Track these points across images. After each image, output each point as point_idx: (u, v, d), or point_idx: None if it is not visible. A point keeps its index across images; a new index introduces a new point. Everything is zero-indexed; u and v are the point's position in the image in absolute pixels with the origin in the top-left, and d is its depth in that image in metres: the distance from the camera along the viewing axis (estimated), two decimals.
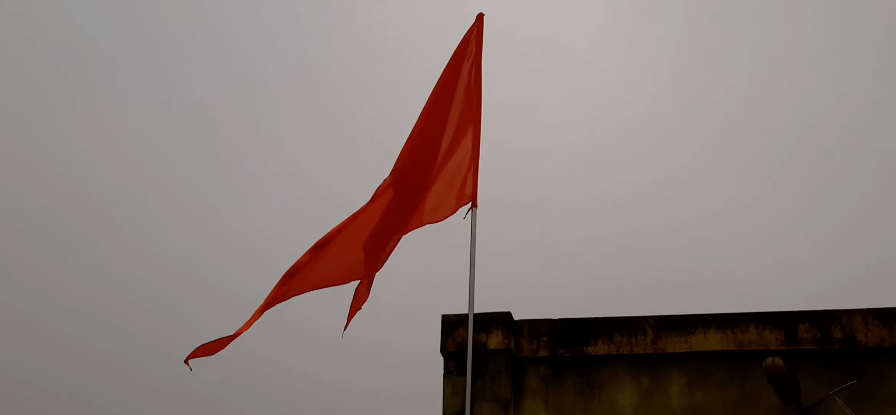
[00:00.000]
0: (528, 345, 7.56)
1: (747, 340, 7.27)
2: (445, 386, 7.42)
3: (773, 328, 7.27)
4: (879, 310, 7.22)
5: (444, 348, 7.54)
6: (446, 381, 7.44)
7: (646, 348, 7.39)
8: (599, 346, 7.47)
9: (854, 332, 7.18)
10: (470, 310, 7.22)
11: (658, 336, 7.41)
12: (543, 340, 7.56)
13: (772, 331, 7.26)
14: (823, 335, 7.20)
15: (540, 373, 7.53)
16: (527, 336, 7.58)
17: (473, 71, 7.74)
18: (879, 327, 7.16)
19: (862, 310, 7.24)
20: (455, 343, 7.49)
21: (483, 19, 7.89)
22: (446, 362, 7.52)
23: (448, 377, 7.44)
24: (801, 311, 7.31)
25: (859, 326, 7.19)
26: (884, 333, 7.15)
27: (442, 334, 7.60)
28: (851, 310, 7.25)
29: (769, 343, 7.22)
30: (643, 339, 7.42)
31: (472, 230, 7.38)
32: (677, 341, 7.36)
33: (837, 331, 7.20)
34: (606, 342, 7.47)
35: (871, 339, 7.15)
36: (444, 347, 7.55)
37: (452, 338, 7.53)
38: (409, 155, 7.53)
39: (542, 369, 7.54)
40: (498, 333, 7.50)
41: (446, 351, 7.52)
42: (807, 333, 7.23)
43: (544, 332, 7.58)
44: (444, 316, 7.63)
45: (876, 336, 7.14)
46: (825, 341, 7.19)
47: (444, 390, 7.41)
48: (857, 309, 7.25)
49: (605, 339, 7.47)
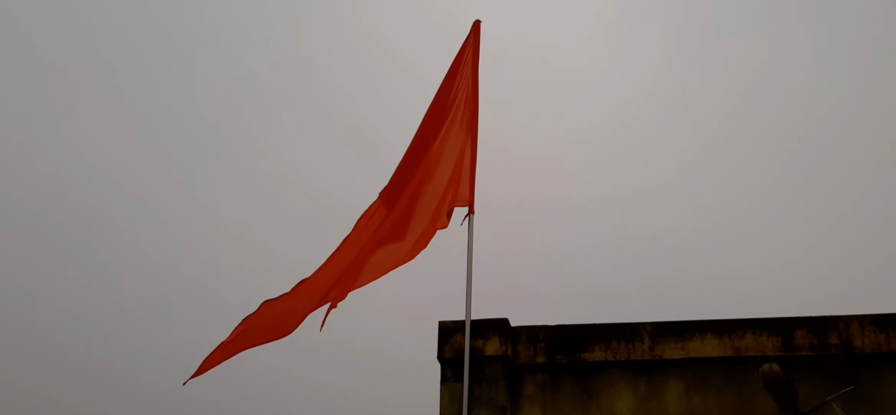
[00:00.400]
0: (526, 351, 7.56)
1: (744, 346, 7.27)
2: (442, 393, 7.42)
3: (770, 334, 7.28)
4: (876, 316, 7.23)
5: (441, 354, 7.54)
6: (443, 387, 7.44)
7: (643, 355, 7.40)
8: (596, 352, 7.47)
9: (851, 338, 7.19)
10: (467, 316, 7.23)
11: (655, 342, 7.41)
12: (540, 346, 7.56)
13: (769, 337, 7.27)
14: (820, 341, 7.21)
15: (537, 379, 7.53)
16: (524, 343, 7.58)
17: (470, 77, 7.76)
18: (876, 333, 7.17)
19: (858, 316, 7.25)
20: (452, 350, 7.49)
21: (480, 26, 7.92)
22: (443, 368, 7.52)
23: (445, 384, 7.44)
24: (797, 317, 7.32)
25: (856, 332, 7.20)
26: (880, 338, 7.16)
27: (439, 340, 7.59)
28: (848, 316, 7.26)
29: (766, 349, 7.23)
30: (640, 345, 7.43)
31: (469, 236, 7.39)
32: (674, 348, 7.37)
33: (834, 337, 7.21)
34: (603, 349, 7.47)
35: (867, 345, 7.15)
36: (441, 353, 7.55)
37: (449, 344, 7.53)
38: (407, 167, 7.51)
39: (539, 376, 7.54)
40: (495, 339, 7.50)
41: (443, 358, 7.52)
42: (804, 339, 7.24)
43: (541, 338, 7.58)
44: (441, 323, 7.62)
45: (872, 342, 7.16)
46: (822, 347, 7.20)
47: (442, 396, 7.41)
48: (854, 315, 7.26)
49: (603, 345, 7.48)
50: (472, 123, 7.66)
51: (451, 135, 7.58)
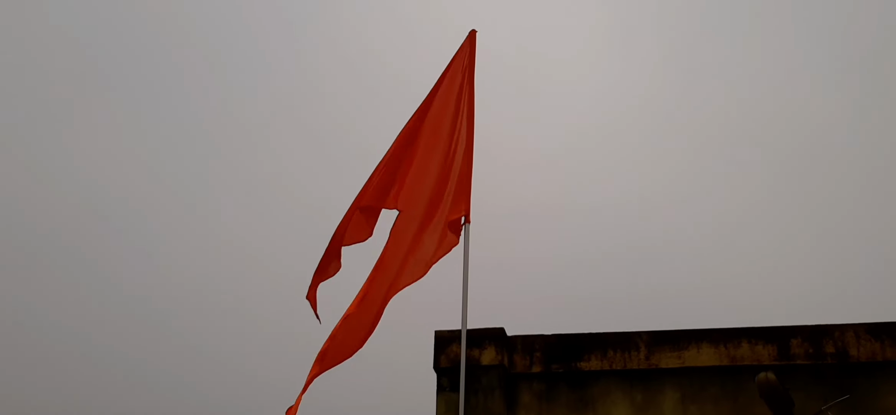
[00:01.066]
0: (522, 361, 7.56)
1: (740, 355, 7.28)
2: (439, 402, 7.41)
3: (765, 343, 7.28)
4: (871, 324, 7.24)
5: (438, 364, 7.53)
6: (439, 397, 7.43)
7: (639, 364, 7.40)
8: (593, 361, 7.47)
9: (846, 346, 7.20)
10: (463, 326, 7.21)
11: (651, 351, 7.41)
12: (537, 355, 7.55)
13: (765, 346, 7.28)
14: (816, 350, 7.22)
15: (533, 389, 7.53)
16: (520, 352, 7.58)
17: (466, 87, 7.76)
18: (871, 342, 7.18)
19: (854, 325, 7.26)
20: (448, 359, 7.48)
21: (475, 36, 7.91)
22: (439, 378, 7.50)
23: (441, 394, 7.43)
24: (793, 326, 7.33)
25: (851, 340, 7.21)
26: (876, 347, 7.17)
27: (435, 349, 7.59)
28: (844, 325, 7.27)
29: (762, 358, 7.23)
30: (636, 354, 7.42)
31: (465, 246, 7.38)
32: (670, 357, 7.37)
33: (830, 346, 7.22)
34: (600, 358, 7.47)
35: (863, 353, 7.16)
36: (437, 363, 7.54)
37: (445, 354, 7.52)
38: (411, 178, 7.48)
39: (535, 385, 7.53)
40: (491, 349, 7.50)
41: (439, 367, 7.52)
42: (799, 347, 7.24)
43: (537, 347, 7.58)
44: (438, 332, 7.62)
45: (868, 351, 7.17)
46: (818, 356, 7.21)
47: (438, 406, 7.40)
48: (850, 324, 7.27)
49: (599, 354, 7.48)
50: (468, 132, 7.66)
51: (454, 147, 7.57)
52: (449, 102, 7.70)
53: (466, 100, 7.74)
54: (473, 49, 7.88)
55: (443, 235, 7.30)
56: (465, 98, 7.73)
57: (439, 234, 7.29)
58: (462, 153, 7.59)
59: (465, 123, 7.68)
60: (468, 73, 7.81)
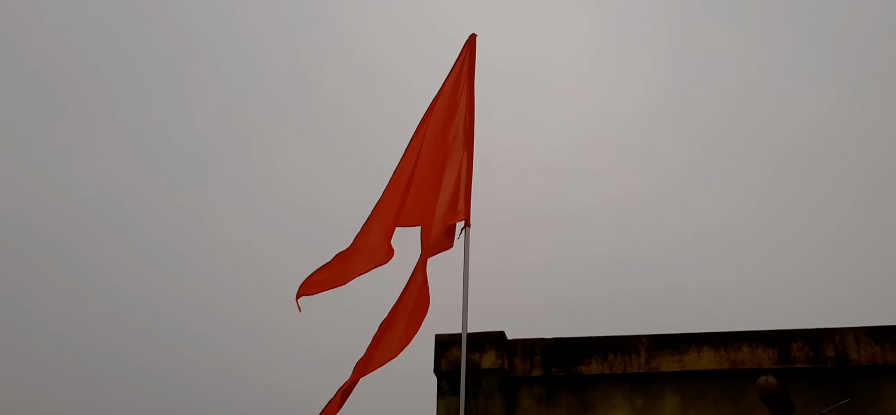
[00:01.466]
0: (522, 364, 7.55)
1: (740, 358, 7.28)
2: (439, 406, 7.41)
3: (766, 347, 7.28)
4: (871, 328, 7.24)
5: (438, 367, 7.53)
6: (440, 401, 7.42)
7: (639, 367, 7.39)
8: (593, 365, 7.47)
9: (846, 350, 7.20)
10: (463, 329, 7.20)
11: (651, 355, 7.41)
12: (537, 359, 7.55)
13: (765, 349, 7.27)
14: (816, 353, 7.22)
15: (533, 392, 7.52)
16: (520, 356, 7.58)
17: (466, 91, 7.75)
18: (871, 346, 7.18)
19: (854, 328, 7.26)
20: (448, 363, 7.48)
21: (475, 40, 7.90)
22: (440, 381, 7.50)
23: (441, 397, 7.43)
24: (793, 329, 7.33)
25: (852, 344, 7.21)
26: (876, 351, 7.17)
27: (435, 353, 7.59)
28: (844, 328, 7.27)
29: (762, 361, 7.23)
30: (637, 358, 7.42)
31: (466, 249, 7.36)
32: (671, 360, 7.37)
33: (830, 349, 7.22)
34: (600, 361, 7.47)
35: (863, 357, 7.16)
36: (437, 366, 7.54)
37: (446, 358, 7.52)
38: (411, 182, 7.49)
39: (535, 389, 7.53)
40: (491, 352, 7.49)
41: (440, 371, 7.51)
42: (800, 351, 7.24)
43: (538, 351, 7.57)
44: (438, 336, 7.61)
45: (868, 354, 7.16)
46: (818, 359, 7.21)
47: (438, 410, 7.40)
48: (850, 327, 7.27)
49: (599, 358, 7.47)
50: (468, 137, 7.66)
51: (453, 151, 7.56)
52: (449, 108, 7.70)
53: (466, 104, 7.73)
54: (473, 53, 7.88)
55: (437, 237, 7.30)
56: (465, 102, 7.73)
57: (436, 236, 7.30)
58: (463, 158, 7.59)
59: (465, 127, 7.68)
60: (468, 77, 7.81)
